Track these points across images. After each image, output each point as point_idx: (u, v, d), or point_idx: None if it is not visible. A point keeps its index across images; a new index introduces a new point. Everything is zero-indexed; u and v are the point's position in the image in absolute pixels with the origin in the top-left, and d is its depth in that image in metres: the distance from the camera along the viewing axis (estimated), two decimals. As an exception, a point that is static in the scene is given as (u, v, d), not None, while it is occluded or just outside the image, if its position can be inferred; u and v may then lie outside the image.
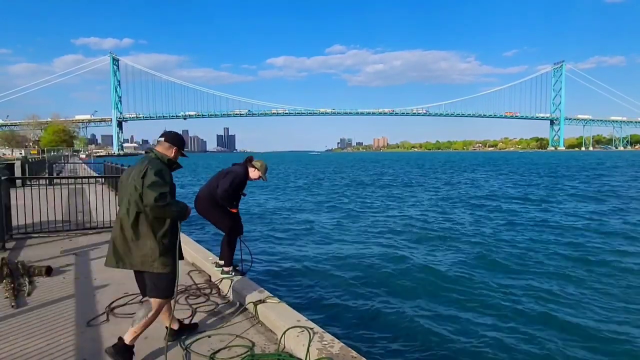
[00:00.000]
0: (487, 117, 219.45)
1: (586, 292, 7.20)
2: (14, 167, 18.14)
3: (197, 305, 4.10)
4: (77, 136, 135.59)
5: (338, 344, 3.03)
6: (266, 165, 4.91)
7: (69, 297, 4.35)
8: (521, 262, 9.13)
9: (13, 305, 4.05)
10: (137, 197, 2.92)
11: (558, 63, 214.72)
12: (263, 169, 4.83)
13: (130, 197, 2.97)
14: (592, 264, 8.89)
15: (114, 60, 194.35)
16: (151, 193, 2.85)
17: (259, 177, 4.82)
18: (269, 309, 3.71)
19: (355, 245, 10.96)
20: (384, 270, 8.56)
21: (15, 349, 3.18)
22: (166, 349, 2.99)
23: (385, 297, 7.03)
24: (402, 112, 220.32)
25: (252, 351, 3.17)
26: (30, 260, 5.57)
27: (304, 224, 14.44)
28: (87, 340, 3.34)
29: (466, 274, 8.25)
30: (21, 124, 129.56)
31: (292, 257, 9.69)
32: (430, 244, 11.04)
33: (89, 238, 7.26)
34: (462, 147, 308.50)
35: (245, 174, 4.73)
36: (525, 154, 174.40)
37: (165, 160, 3.12)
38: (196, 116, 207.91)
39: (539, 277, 8.07)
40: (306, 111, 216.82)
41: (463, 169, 53.06)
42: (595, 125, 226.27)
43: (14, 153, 62.50)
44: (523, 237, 11.81)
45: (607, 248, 10.31)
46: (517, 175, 39.06)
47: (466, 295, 7.08)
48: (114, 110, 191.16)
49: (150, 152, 3.17)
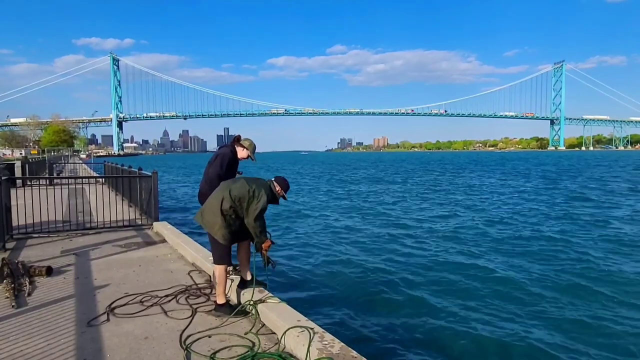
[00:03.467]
0: (488, 117, 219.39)
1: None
2: (14, 167, 18.15)
3: (197, 305, 4.10)
4: (78, 136, 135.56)
5: (338, 344, 3.03)
6: (254, 145, 4.76)
7: (69, 297, 4.34)
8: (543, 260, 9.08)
9: (13, 305, 4.05)
10: (241, 201, 3.80)
11: (558, 63, 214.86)
12: (252, 148, 4.69)
13: (234, 194, 3.78)
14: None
15: (114, 61, 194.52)
16: (254, 213, 3.81)
17: (248, 156, 4.68)
18: (269, 309, 3.71)
19: (356, 245, 10.95)
20: (385, 270, 8.56)
21: (16, 349, 3.17)
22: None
23: (386, 297, 7.03)
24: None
25: (253, 351, 3.17)
26: (30, 260, 5.57)
27: (305, 224, 14.44)
28: (88, 341, 3.34)
29: (468, 273, 8.25)
30: (21, 124, 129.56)
31: (293, 256, 9.70)
32: (434, 244, 11.03)
33: (89, 238, 7.26)
34: (462, 147, 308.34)
35: (233, 153, 4.64)
36: (532, 153, 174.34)
37: (275, 193, 4.01)
38: (196, 116, 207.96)
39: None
40: (306, 111, 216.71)
41: (476, 170, 53.13)
42: (595, 125, 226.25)
43: (14, 153, 62.51)
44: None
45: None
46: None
47: (467, 295, 7.08)
48: (114, 110, 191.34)
49: (271, 182, 4.04)
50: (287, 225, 14.19)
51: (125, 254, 6.24)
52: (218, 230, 3.83)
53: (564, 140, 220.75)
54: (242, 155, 4.69)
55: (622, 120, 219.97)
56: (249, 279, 4.26)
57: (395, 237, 11.87)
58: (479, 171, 47.39)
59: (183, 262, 5.78)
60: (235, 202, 3.81)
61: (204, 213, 3.93)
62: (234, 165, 4.70)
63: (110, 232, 7.79)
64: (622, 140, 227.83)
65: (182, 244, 6.34)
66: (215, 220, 3.83)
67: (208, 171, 4.62)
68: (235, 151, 4.68)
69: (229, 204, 3.80)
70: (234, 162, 4.68)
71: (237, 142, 4.71)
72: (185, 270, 5.36)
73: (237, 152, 4.69)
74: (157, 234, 7.70)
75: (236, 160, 4.71)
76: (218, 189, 4.01)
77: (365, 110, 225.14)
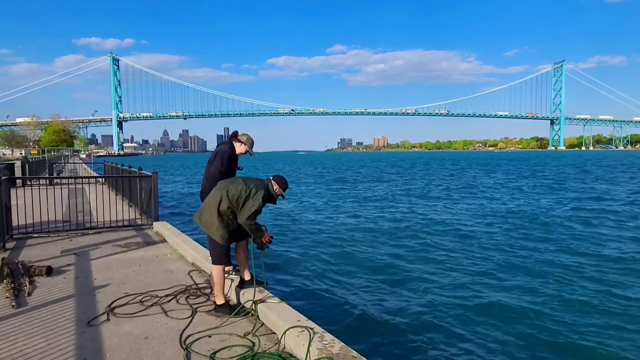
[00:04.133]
0: (489, 117, 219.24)
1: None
2: (14, 167, 18.16)
3: (197, 305, 4.10)
4: (77, 136, 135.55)
5: (338, 344, 3.03)
6: (252, 140, 4.76)
7: (69, 297, 4.34)
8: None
9: (13, 305, 4.05)
10: (238, 201, 3.80)
11: (558, 63, 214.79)
12: (249, 143, 4.69)
13: (231, 194, 3.80)
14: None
15: (114, 60, 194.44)
16: (248, 212, 3.78)
17: (246, 151, 4.69)
18: (269, 309, 3.71)
19: (357, 245, 10.95)
20: (386, 270, 8.56)
21: (16, 349, 3.18)
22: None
23: (387, 297, 7.03)
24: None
25: (253, 351, 3.17)
26: (30, 260, 5.57)
27: (305, 223, 14.44)
28: (88, 340, 3.34)
29: (470, 273, 8.25)
30: (21, 124, 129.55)
31: (293, 256, 9.69)
32: (437, 245, 11.02)
33: (89, 238, 7.26)
34: (462, 147, 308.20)
35: (231, 149, 4.65)
36: (533, 153, 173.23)
37: (273, 192, 4.00)
38: (196, 116, 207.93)
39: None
40: (306, 111, 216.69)
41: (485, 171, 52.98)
42: (595, 125, 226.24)
43: (14, 153, 62.52)
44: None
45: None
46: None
47: (468, 295, 7.07)
48: (114, 110, 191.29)
49: (270, 182, 4.01)
50: (287, 224, 14.19)
51: (126, 253, 6.24)
52: (216, 231, 3.84)
53: (564, 140, 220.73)
54: (241, 150, 4.70)
55: (622, 120, 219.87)
56: (248, 278, 4.27)
57: (398, 237, 11.87)
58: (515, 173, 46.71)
59: (183, 262, 5.78)
60: (232, 202, 3.82)
61: (202, 213, 3.93)
62: (234, 161, 4.71)
63: (110, 232, 7.79)
64: (622, 140, 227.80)
65: (182, 244, 6.34)
66: (213, 220, 3.83)
67: (209, 170, 4.62)
68: (233, 147, 4.68)
69: (226, 205, 3.81)
70: (233, 158, 4.68)
71: (234, 138, 4.71)
72: (185, 270, 5.36)
73: (235, 148, 4.69)
74: (157, 233, 7.70)
75: (235, 156, 4.72)
76: (216, 188, 4.02)
77: (366, 110, 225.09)
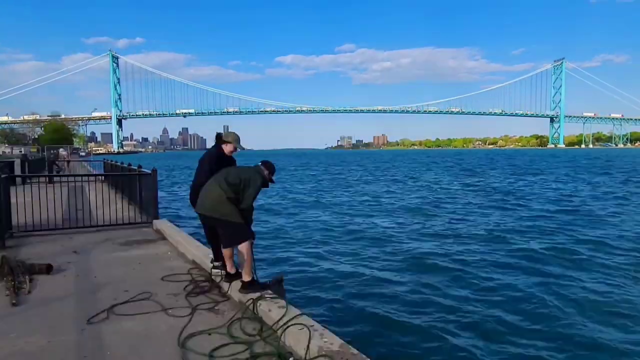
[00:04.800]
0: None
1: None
2: (13, 165, 18.16)
3: (197, 303, 4.10)
4: (77, 134, 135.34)
5: (338, 342, 3.04)
6: (237, 135, 4.71)
7: (69, 295, 4.35)
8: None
9: (14, 303, 4.05)
10: (236, 188, 4.03)
11: (558, 60, 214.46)
12: (234, 138, 4.65)
13: (231, 181, 4.02)
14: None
15: (113, 58, 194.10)
16: (250, 198, 4.08)
17: (235, 148, 4.66)
18: (269, 306, 3.72)
19: (358, 243, 10.96)
20: (386, 268, 8.56)
21: (16, 347, 3.18)
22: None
23: (387, 295, 7.02)
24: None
25: (252, 349, 3.18)
26: (30, 258, 5.57)
27: (306, 222, 14.45)
28: (88, 338, 3.35)
29: (471, 272, 8.24)
30: (20, 122, 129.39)
31: (292, 254, 9.69)
32: (439, 243, 11.00)
33: (89, 236, 7.27)
34: (462, 145, 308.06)
35: (218, 152, 4.63)
36: (533, 150, 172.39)
37: (264, 177, 4.23)
38: (196, 114, 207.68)
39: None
40: (307, 109, 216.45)
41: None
42: (595, 122, 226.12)
43: (14, 151, 62.47)
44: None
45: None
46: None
47: (469, 295, 7.06)
48: (113, 108, 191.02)
49: (259, 167, 4.25)
50: (286, 222, 14.20)
51: (126, 251, 6.25)
52: (231, 211, 4.01)
53: (564, 137, 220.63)
54: (229, 149, 4.64)
55: (622, 118, 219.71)
56: (234, 272, 4.37)
57: (400, 237, 11.88)
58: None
59: (183, 260, 5.78)
60: (235, 191, 4.04)
61: (211, 204, 4.04)
62: (222, 162, 4.60)
63: (111, 230, 7.79)
64: (621, 137, 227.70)
65: (182, 242, 6.35)
66: (222, 203, 4.00)
67: (200, 174, 4.59)
68: (221, 149, 4.65)
69: (232, 193, 4.01)
70: (222, 159, 4.60)
71: (220, 141, 4.66)
72: (185, 268, 5.36)
73: (223, 149, 4.66)
74: (157, 231, 7.70)
75: (226, 157, 4.65)
76: (213, 180, 4.13)
77: (366, 108, 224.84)
